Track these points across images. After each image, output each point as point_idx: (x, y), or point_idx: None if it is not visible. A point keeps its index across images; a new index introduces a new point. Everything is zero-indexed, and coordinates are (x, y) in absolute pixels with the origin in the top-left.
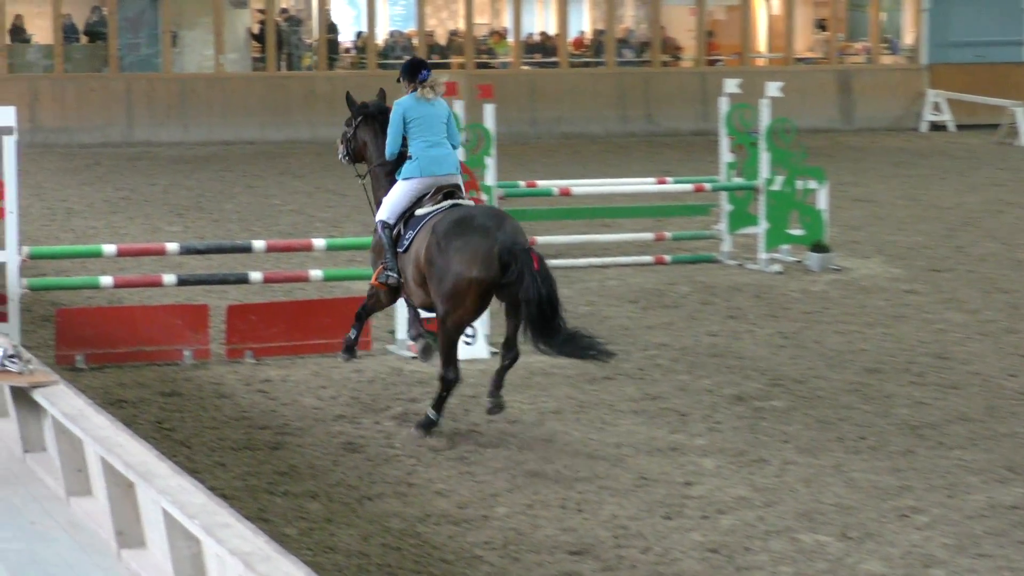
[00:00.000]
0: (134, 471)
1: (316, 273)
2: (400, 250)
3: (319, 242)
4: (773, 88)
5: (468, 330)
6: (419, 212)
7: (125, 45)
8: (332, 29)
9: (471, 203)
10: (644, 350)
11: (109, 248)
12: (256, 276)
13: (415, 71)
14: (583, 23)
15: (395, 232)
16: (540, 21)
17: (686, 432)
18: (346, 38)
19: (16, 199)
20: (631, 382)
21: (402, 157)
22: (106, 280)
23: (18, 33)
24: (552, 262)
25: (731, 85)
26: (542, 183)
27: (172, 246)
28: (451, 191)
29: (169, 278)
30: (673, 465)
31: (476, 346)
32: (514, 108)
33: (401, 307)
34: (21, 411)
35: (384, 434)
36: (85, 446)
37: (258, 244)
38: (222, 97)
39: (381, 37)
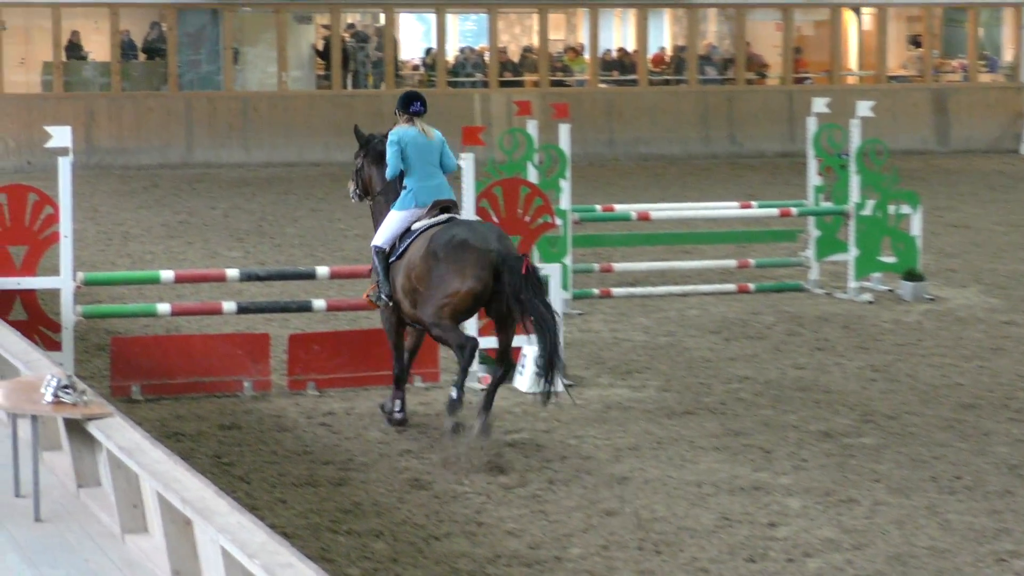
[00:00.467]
0: (192, 508)
1: None
2: (392, 259)
3: None
4: (864, 107)
5: (539, 360)
6: (415, 226)
7: (185, 62)
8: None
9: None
10: (726, 383)
11: (167, 274)
12: (319, 304)
13: (407, 103)
14: (663, 39)
15: (388, 250)
16: (618, 37)
17: (770, 470)
18: (414, 55)
19: (71, 223)
20: (712, 417)
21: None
22: (163, 307)
23: (74, 50)
24: (630, 290)
25: (820, 104)
26: (620, 207)
27: (232, 272)
28: (447, 206)
29: (229, 306)
30: (756, 505)
31: None
32: (590, 128)
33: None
34: (75, 444)
35: (452, 470)
36: (141, 481)
37: (322, 270)
38: (285, 116)
39: (451, 54)
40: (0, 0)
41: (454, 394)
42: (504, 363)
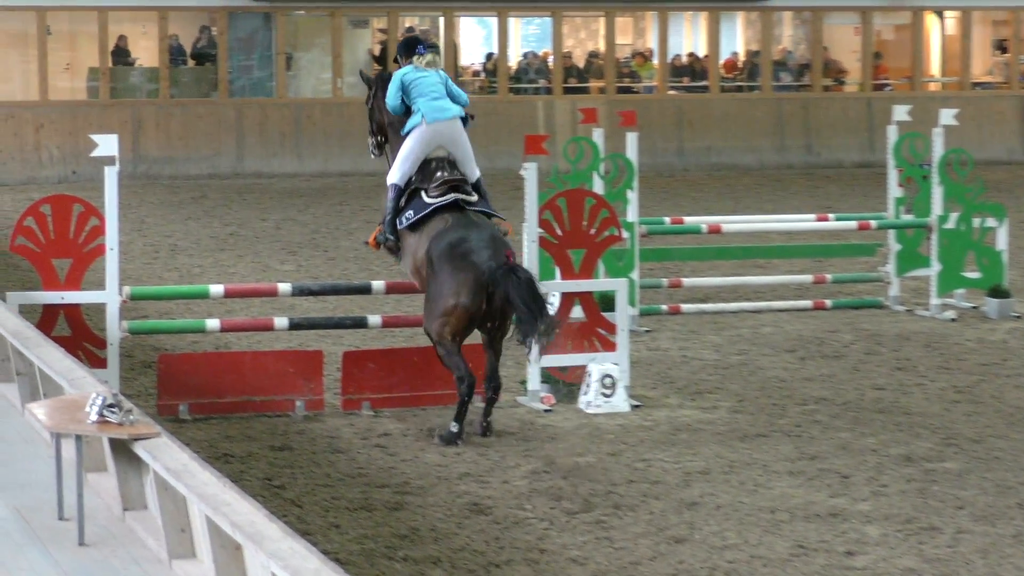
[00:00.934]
0: (242, 532)
1: None
2: (400, 226)
3: None
4: (947, 115)
5: (606, 380)
6: (426, 199)
7: (235, 68)
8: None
9: (475, 198)
10: (802, 404)
11: (216, 288)
12: (375, 320)
13: (411, 47)
14: (736, 43)
15: (401, 201)
16: (688, 41)
17: (848, 496)
18: (475, 60)
19: (117, 235)
20: (787, 440)
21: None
22: (212, 323)
23: (121, 55)
24: (700, 306)
25: (900, 112)
26: (689, 219)
27: (284, 287)
28: (456, 184)
29: (280, 321)
30: (833, 532)
31: (615, 398)
32: (659, 137)
33: (533, 359)
34: (121, 465)
35: (513, 494)
36: (189, 504)
37: (377, 285)
38: (340, 124)
39: (514, 59)
40: (45, 4)
41: (454, 428)
42: (492, 384)
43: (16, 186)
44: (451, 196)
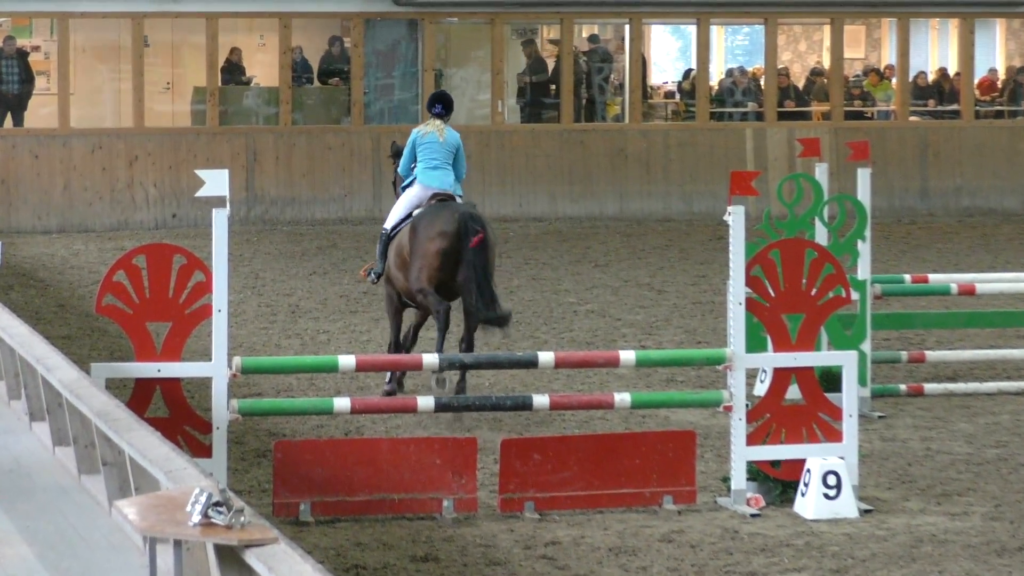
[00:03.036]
0: None
1: (622, 397)
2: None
3: (627, 355)
4: None
5: (830, 478)
6: (413, 213)
7: (373, 88)
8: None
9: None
10: None
11: (346, 360)
12: (541, 400)
13: (431, 104)
14: (994, 58)
15: (392, 235)
16: (935, 56)
17: None
18: (668, 78)
19: (226, 293)
20: None
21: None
22: (341, 403)
23: (234, 72)
24: (948, 386)
25: None
26: (935, 277)
27: (429, 358)
28: (443, 198)
29: (425, 402)
30: None
31: (840, 501)
32: (898, 173)
33: (738, 452)
34: None
35: None
36: None
37: (545, 357)
38: (500, 157)
39: (716, 77)
40: (142, 10)
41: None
42: (466, 343)
43: (104, 233)
44: (434, 202)
